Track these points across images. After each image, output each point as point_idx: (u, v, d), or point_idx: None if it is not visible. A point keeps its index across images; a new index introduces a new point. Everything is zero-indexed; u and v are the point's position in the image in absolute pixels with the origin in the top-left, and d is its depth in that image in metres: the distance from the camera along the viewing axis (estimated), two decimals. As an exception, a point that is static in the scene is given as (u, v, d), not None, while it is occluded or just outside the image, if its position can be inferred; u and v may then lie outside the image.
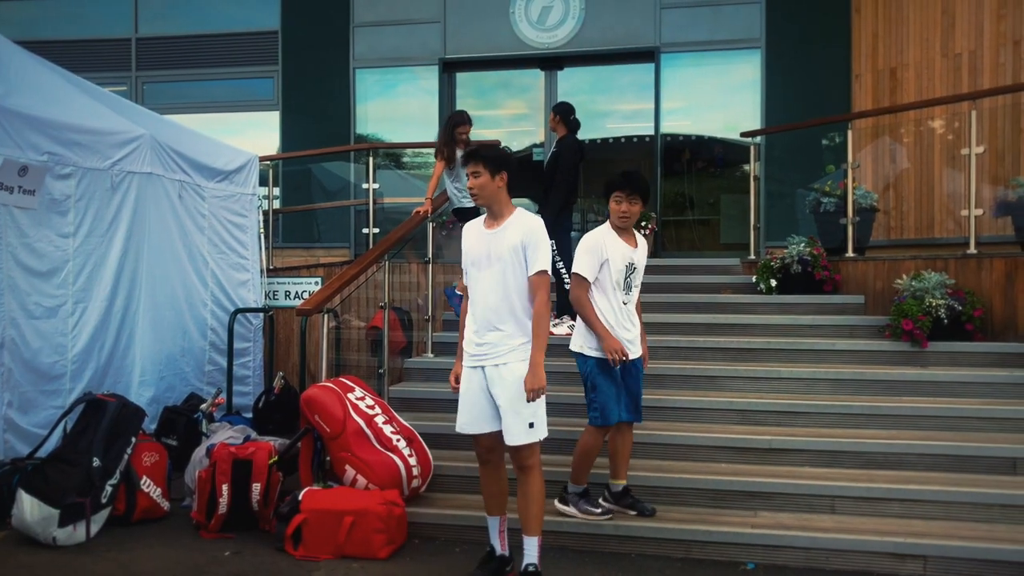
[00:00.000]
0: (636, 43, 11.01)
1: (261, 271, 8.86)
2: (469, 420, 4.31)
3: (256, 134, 12.12)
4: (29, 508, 4.76)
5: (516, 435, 4.17)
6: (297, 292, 9.23)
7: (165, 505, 5.38)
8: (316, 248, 11.39)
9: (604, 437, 4.94)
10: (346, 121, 11.78)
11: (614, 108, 11.59)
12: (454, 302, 7.52)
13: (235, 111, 12.32)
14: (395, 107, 12.01)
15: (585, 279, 4.83)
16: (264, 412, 7.36)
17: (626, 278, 4.92)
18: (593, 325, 4.81)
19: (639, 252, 5.03)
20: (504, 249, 4.22)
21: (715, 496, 5.15)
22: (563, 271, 7.06)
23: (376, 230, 9.23)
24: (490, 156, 4.30)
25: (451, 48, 11.58)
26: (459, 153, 7.46)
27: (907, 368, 6.35)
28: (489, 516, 4.46)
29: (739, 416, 5.92)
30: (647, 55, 11.02)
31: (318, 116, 11.75)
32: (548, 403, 4.31)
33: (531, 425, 4.17)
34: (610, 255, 4.86)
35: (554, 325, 7.02)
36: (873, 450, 5.38)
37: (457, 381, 4.42)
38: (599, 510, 4.96)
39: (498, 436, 4.27)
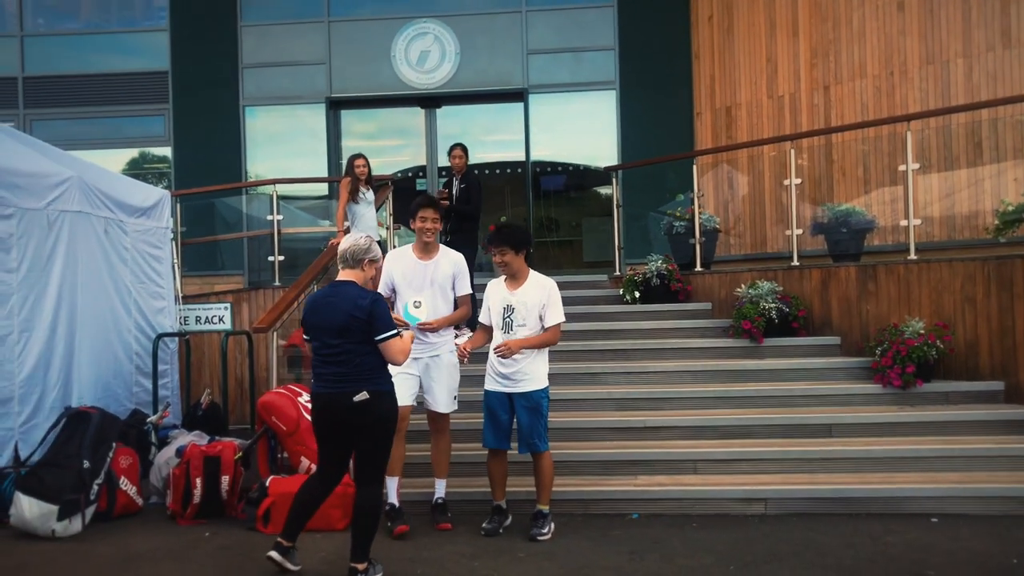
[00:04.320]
0: (507, 84, 12.34)
1: (175, 298, 9.58)
2: None
3: (148, 169, 12.74)
4: (28, 507, 5.49)
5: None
6: (208, 317, 9.93)
7: (139, 501, 6.18)
8: (211, 276, 12.06)
9: (493, 458, 5.67)
10: (237, 156, 12.56)
11: (489, 139, 12.85)
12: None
13: (126, 147, 12.90)
14: (283, 142, 12.86)
15: (483, 324, 5.70)
16: (193, 425, 8.11)
17: (504, 319, 5.53)
18: None
19: (520, 294, 5.51)
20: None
21: (604, 466, 6.40)
22: None
23: (281, 258, 10.06)
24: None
25: (336, 87, 12.56)
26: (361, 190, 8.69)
27: (747, 360, 7.80)
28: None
29: (617, 404, 7.22)
30: (517, 95, 12.34)
31: (209, 151, 12.45)
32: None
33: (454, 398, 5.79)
34: (490, 301, 5.64)
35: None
36: (725, 424, 6.78)
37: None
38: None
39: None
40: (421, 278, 5.68)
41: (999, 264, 7.02)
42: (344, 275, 4.83)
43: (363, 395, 4.58)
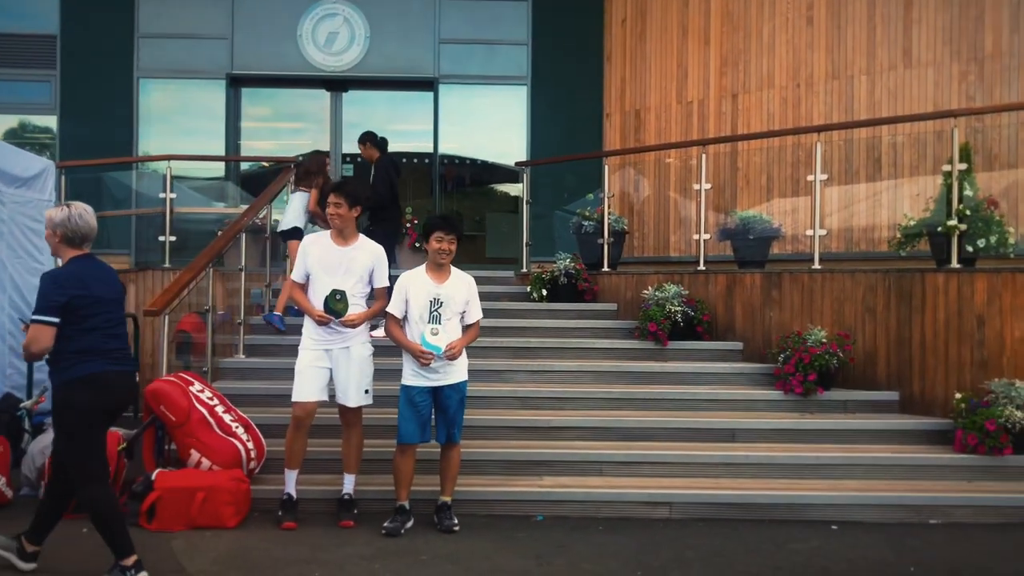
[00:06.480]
0: (417, 72, 12.08)
1: (55, 276, 8.96)
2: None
3: (29, 139, 11.98)
4: None
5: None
6: (90, 297, 9.35)
7: (9, 493, 5.71)
8: (95, 253, 11.31)
9: (405, 454, 5.50)
10: (128, 130, 11.93)
11: (397, 129, 12.53)
12: (276, 321, 8.04)
13: (5, 113, 12.10)
14: (179, 118, 12.28)
15: (394, 315, 5.50)
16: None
17: (432, 312, 5.41)
18: (402, 346, 5.48)
19: (448, 287, 5.48)
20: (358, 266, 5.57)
21: (508, 465, 6.24)
22: None
23: (173, 238, 9.56)
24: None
25: (238, 64, 12.05)
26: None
27: (652, 362, 7.79)
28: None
29: (521, 403, 7.08)
30: (427, 84, 12.10)
31: (99, 123, 11.75)
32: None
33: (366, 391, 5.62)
34: (409, 293, 5.46)
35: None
36: (629, 426, 6.71)
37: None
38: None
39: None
40: (337, 264, 5.58)
41: (899, 277, 7.18)
42: (84, 252, 4.56)
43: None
